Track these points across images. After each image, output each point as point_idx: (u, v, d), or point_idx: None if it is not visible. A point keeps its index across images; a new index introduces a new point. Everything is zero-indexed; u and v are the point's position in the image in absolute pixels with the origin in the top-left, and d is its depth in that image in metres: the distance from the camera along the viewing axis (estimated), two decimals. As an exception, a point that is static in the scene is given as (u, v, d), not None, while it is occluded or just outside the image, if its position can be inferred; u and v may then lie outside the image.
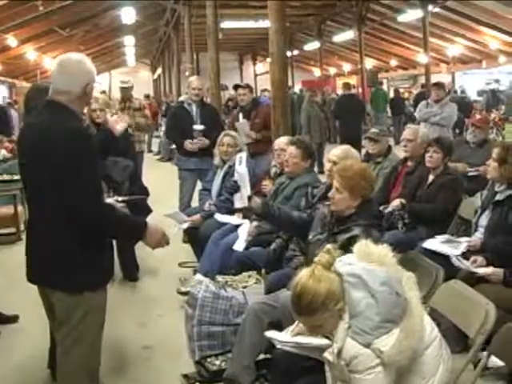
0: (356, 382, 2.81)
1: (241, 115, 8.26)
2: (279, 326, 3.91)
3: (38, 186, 3.08)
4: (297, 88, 27.80)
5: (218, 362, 4.21)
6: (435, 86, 9.55)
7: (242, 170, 4.69)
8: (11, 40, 19.48)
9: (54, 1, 16.61)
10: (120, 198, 4.64)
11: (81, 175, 2.96)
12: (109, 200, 4.45)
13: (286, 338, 3.15)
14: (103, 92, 16.99)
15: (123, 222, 3.25)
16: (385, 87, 24.87)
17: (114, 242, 6.37)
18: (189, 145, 7.45)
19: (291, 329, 3.18)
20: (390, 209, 5.33)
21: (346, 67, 34.32)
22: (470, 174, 6.60)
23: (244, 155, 4.88)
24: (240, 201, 4.73)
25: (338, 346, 2.81)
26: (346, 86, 15.06)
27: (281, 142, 6.02)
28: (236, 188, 4.73)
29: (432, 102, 9.31)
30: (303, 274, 2.87)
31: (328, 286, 2.81)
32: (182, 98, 8.38)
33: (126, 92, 9.99)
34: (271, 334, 3.28)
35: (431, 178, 5.55)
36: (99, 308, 3.22)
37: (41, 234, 3.13)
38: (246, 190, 4.65)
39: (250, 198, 4.56)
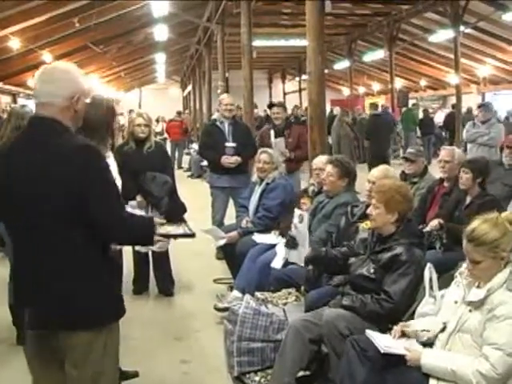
0: (491, 332, 3.04)
1: (272, 133, 8.28)
2: (320, 343, 3.96)
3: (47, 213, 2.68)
4: (327, 107, 27.71)
5: (257, 378, 4.23)
6: (482, 107, 9.52)
7: (302, 229, 4.70)
8: (46, 56, 19.74)
9: (91, 17, 16.82)
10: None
11: (101, 192, 2.73)
12: None
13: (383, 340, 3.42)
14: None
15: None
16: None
17: (150, 258, 6.53)
18: (226, 160, 7.48)
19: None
20: (427, 228, 5.35)
21: (376, 87, 34.28)
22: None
23: (306, 214, 4.87)
24: (296, 257, 4.75)
25: (488, 291, 3.12)
26: (373, 106, 15.13)
27: (319, 161, 6.08)
28: (293, 245, 4.74)
29: (479, 122, 9.30)
30: (489, 215, 3.28)
31: (501, 234, 3.18)
32: (214, 116, 8.43)
33: None
34: (371, 333, 3.49)
35: (469, 199, 5.53)
36: (117, 336, 2.98)
37: (49, 273, 2.73)
38: (304, 249, 4.63)
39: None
